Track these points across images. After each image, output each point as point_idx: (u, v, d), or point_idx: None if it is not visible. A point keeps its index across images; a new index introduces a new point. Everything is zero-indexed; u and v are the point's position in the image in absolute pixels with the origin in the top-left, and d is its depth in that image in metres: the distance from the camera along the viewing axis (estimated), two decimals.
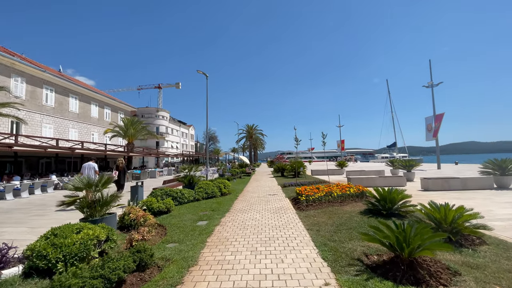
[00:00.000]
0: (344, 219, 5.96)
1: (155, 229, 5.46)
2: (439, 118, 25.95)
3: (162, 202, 7.40)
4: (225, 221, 6.16)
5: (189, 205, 8.25)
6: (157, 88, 78.02)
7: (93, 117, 32.76)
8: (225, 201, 8.89)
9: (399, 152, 62.92)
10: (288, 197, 9.65)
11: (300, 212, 6.85)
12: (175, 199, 8.36)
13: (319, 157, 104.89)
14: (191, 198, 8.85)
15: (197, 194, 9.22)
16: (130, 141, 29.11)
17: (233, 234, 5.06)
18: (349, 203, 7.87)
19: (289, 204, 8.17)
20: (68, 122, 28.67)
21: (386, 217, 5.97)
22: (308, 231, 5.08)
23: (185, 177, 10.33)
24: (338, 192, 8.20)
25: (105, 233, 3.98)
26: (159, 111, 57.04)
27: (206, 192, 9.48)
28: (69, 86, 28.74)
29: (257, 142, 67.38)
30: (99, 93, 34.24)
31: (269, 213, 6.97)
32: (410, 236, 3.16)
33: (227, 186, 11.04)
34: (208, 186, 9.77)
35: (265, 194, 10.78)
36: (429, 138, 27.39)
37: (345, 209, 7.00)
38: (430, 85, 27.34)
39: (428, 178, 10.65)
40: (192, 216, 6.77)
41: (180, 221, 6.23)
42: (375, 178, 12.29)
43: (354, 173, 17.99)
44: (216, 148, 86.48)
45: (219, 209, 7.61)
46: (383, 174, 18.09)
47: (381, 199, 6.32)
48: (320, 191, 8.23)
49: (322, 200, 7.73)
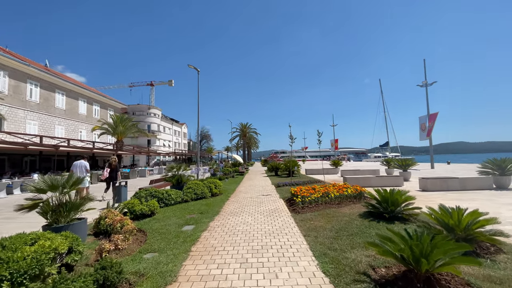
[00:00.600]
0: (344, 223, 5.47)
1: (134, 235, 4.86)
2: (433, 118, 25.88)
3: (145, 204, 6.78)
4: (213, 226, 5.60)
5: (176, 207, 7.65)
6: (150, 85, 76.46)
7: (81, 114, 31.64)
8: (216, 203, 8.31)
9: (391, 152, 63.32)
10: (283, 197, 9.14)
11: (296, 215, 6.34)
12: (160, 201, 7.75)
13: (313, 156, 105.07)
14: (178, 199, 8.24)
15: (186, 195, 8.62)
16: (120, 139, 28.15)
17: (222, 242, 4.50)
18: (347, 204, 7.41)
19: (284, 206, 7.65)
20: (54, 119, 27.55)
21: (389, 220, 5.51)
22: (305, 238, 4.57)
23: (173, 176, 9.69)
24: (335, 193, 7.73)
25: (68, 243, 3.38)
26: (151, 109, 55.85)
27: (195, 193, 8.89)
28: (55, 81, 27.61)
29: (251, 141, 66.81)
30: (87, 89, 33.09)
31: (262, 216, 6.43)
32: (428, 248, 2.67)
33: (218, 186, 10.46)
34: (197, 186, 9.18)
35: (258, 194, 10.25)
36: (422, 137, 27.31)
37: (343, 212, 6.53)
38: (424, 84, 27.25)
39: (427, 178, 10.30)
40: (178, 220, 6.18)
41: (164, 225, 5.63)
42: (372, 178, 11.90)
43: (349, 172, 17.64)
44: (209, 147, 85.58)
45: (208, 211, 7.03)
46: (379, 174, 17.79)
47: (382, 201, 5.86)
48: (316, 192, 7.75)
49: (318, 201, 7.24)
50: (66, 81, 28.93)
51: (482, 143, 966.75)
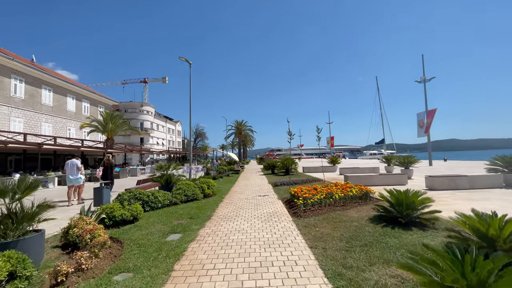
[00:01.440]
0: (354, 229, 4.77)
1: (107, 249, 4.07)
2: (431, 114, 25.47)
3: (127, 208, 5.98)
4: (203, 235, 4.83)
5: (163, 211, 6.84)
6: (143, 82, 74.85)
7: (70, 111, 30.40)
8: (208, 205, 7.54)
9: (387, 149, 63.19)
10: (281, 198, 8.41)
11: (298, 220, 5.60)
12: (146, 204, 6.94)
13: (308, 154, 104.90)
14: (166, 202, 7.44)
15: (175, 197, 7.82)
16: (110, 136, 27.12)
17: (212, 257, 3.74)
18: (353, 206, 6.72)
19: (283, 208, 6.92)
20: (40, 116, 26.33)
21: (405, 226, 4.82)
22: (312, 250, 3.83)
23: (161, 176, 8.87)
24: (339, 193, 7.03)
25: (9, 266, 2.59)
26: (144, 106, 54.53)
27: (186, 195, 8.09)
28: (41, 76, 26.35)
29: (246, 138, 66.00)
30: (76, 85, 31.81)
31: (259, 221, 5.68)
32: (491, 278, 1.95)
33: (212, 186, 9.68)
34: (188, 187, 8.38)
35: (255, 195, 9.51)
36: (420, 134, 26.91)
37: (350, 215, 5.83)
38: (422, 80, 26.81)
39: (434, 176, 9.69)
40: (163, 226, 5.39)
41: (146, 234, 4.84)
42: (374, 176, 11.26)
43: (348, 170, 17.00)
44: (204, 145, 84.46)
45: (198, 216, 6.25)
46: (378, 171, 17.21)
47: (396, 204, 5.16)
48: (318, 193, 7.04)
49: (322, 203, 6.53)
50: (53, 77, 27.65)
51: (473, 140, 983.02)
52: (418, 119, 27.42)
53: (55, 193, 12.06)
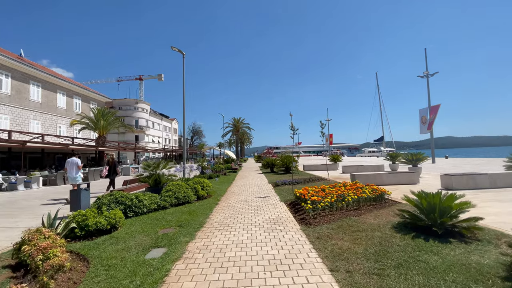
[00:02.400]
0: (378, 242, 3.87)
1: (65, 273, 3.13)
2: (434, 110, 24.68)
3: (104, 215, 5.03)
4: (193, 250, 3.89)
5: (149, 218, 5.89)
6: (138, 79, 73.42)
7: (60, 107, 29.17)
8: (201, 209, 6.59)
9: (386, 146, 62.57)
10: (284, 201, 7.48)
11: (308, 228, 4.68)
12: (128, 209, 5.98)
13: (306, 151, 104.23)
14: (153, 206, 6.47)
15: (164, 200, 6.86)
16: (101, 134, 25.98)
17: (200, 285, 2.81)
18: (368, 210, 5.82)
19: (288, 213, 6.00)
20: (28, 113, 25.12)
21: (440, 237, 3.93)
22: (333, 275, 2.91)
23: (149, 176, 7.90)
24: (352, 195, 6.13)
25: None
26: (139, 103, 53.26)
27: (176, 197, 7.13)
28: (29, 71, 25.08)
29: (244, 136, 64.95)
30: (66, 80, 30.54)
31: (261, 230, 4.75)
32: None
33: (207, 187, 8.74)
34: (179, 188, 7.42)
35: (254, 196, 8.58)
36: (423, 131, 26.14)
37: (368, 222, 4.93)
38: (425, 75, 26.00)
39: (451, 175, 8.82)
40: (145, 238, 4.45)
41: (122, 250, 3.90)
42: (384, 175, 10.38)
43: (352, 168, 16.16)
44: (201, 143, 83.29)
45: (189, 223, 5.31)
46: (383, 169, 16.40)
47: (428, 210, 4.26)
48: (328, 194, 6.14)
49: (333, 207, 5.62)
50: (42, 72, 26.39)
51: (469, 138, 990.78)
52: (420, 115, 26.64)
53: (37, 195, 11.03)
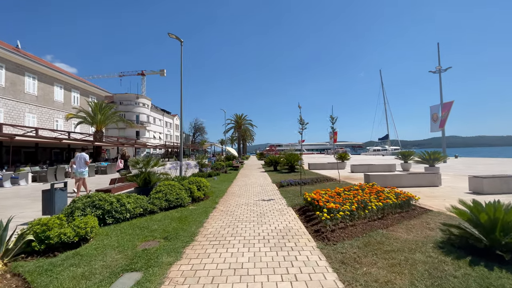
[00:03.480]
0: (424, 270, 2.85)
1: None
2: (447, 107, 23.44)
3: (73, 224, 4.06)
4: (175, 278, 2.88)
5: (131, 225, 4.90)
6: (140, 75, 72.66)
7: (57, 101, 28.31)
8: (195, 215, 5.60)
9: (391, 145, 61.30)
10: (292, 205, 6.46)
11: (327, 246, 3.67)
12: (107, 214, 5.00)
13: (309, 149, 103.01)
14: (138, 210, 5.48)
15: (152, 203, 5.87)
16: (99, 128, 25.10)
17: None
18: (396, 221, 4.80)
19: (298, 222, 4.98)
20: (23, 106, 24.30)
21: (509, 264, 2.91)
22: None
23: (136, 175, 6.90)
24: (375, 201, 5.11)
25: None
26: (140, 98, 52.31)
27: (167, 199, 6.14)
28: (24, 62, 24.20)
29: (246, 133, 63.87)
30: (64, 73, 29.63)
31: (267, 247, 3.74)
32: None
33: (204, 187, 7.76)
34: (171, 189, 6.43)
35: (257, 199, 7.58)
36: (434, 128, 24.93)
37: (401, 237, 3.91)
38: (437, 70, 24.75)
39: (482, 177, 7.74)
40: (118, 256, 3.47)
41: (81, 276, 2.91)
42: (402, 176, 9.32)
43: (362, 167, 15.09)
44: (203, 140, 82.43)
45: (178, 234, 4.32)
46: (395, 169, 15.33)
47: (487, 226, 3.22)
48: (346, 200, 5.12)
49: (354, 216, 4.60)
50: (38, 63, 25.47)
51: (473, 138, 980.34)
52: (431, 113, 25.41)
53: (21, 192, 10.12)
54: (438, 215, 5.17)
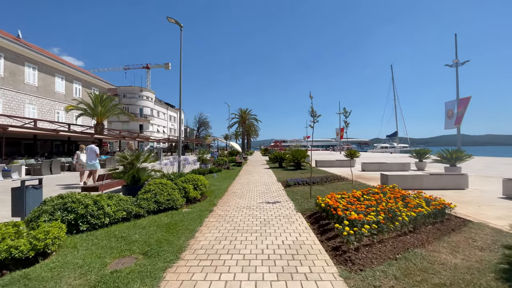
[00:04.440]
0: None
1: None
2: (464, 103, 22.04)
3: (32, 234, 3.24)
4: None
5: (107, 233, 4.06)
6: (145, 68, 72.06)
7: (58, 92, 27.73)
8: (187, 221, 4.73)
9: (399, 142, 59.73)
10: (301, 210, 5.54)
11: (351, 273, 2.77)
12: (81, 219, 4.17)
13: (314, 146, 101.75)
14: (121, 214, 4.64)
15: (138, 206, 5.03)
16: (99, 121, 24.42)
17: None
18: (432, 234, 3.88)
19: (310, 234, 4.08)
20: (23, 96, 23.74)
21: None
22: None
23: (123, 172, 6.04)
24: (405, 210, 4.17)
25: None
26: (143, 91, 51.65)
27: (157, 201, 5.29)
28: (23, 52, 23.57)
29: (250, 128, 62.84)
30: (66, 64, 28.99)
31: (272, 273, 2.84)
32: None
33: (201, 186, 6.90)
34: (163, 189, 5.58)
35: (261, 200, 6.69)
36: (449, 126, 23.56)
37: (448, 262, 2.99)
38: (454, 64, 23.30)
39: None
40: (76, 282, 2.62)
41: None
42: (424, 177, 8.32)
43: (373, 166, 14.09)
44: (207, 134, 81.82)
45: (161, 249, 3.46)
46: (409, 168, 14.29)
47: None
48: (369, 209, 4.20)
49: (382, 230, 3.68)
50: (38, 53, 24.81)
51: (481, 136, 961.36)
52: (446, 109, 24.02)
53: (9, 186, 9.42)
54: (481, 228, 4.22)
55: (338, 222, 3.81)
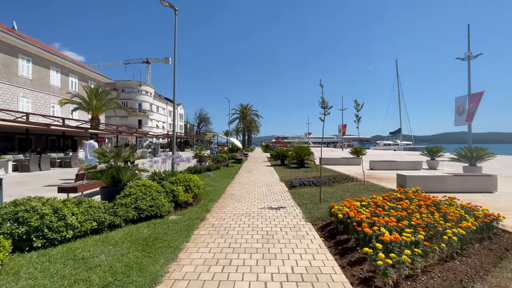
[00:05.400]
0: None
1: None
2: (476, 98, 21.01)
3: None
4: None
5: (65, 252, 3.16)
6: (145, 63, 70.96)
7: (54, 85, 26.84)
8: (170, 234, 3.81)
9: (403, 140, 58.61)
10: (311, 220, 4.60)
11: None
12: (35, 233, 3.28)
13: (315, 142, 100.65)
14: (89, 225, 3.74)
15: (113, 214, 4.14)
16: (95, 115, 23.54)
17: None
18: (485, 258, 2.96)
19: (328, 256, 3.15)
20: (17, 89, 22.87)
21: None
22: None
23: (103, 171, 5.14)
24: (449, 226, 3.26)
25: None
26: (142, 85, 50.63)
27: (138, 207, 4.40)
28: (17, 43, 22.64)
29: (251, 124, 61.80)
30: (61, 56, 28.05)
31: None
32: None
33: (194, 188, 6.00)
34: (146, 192, 4.68)
35: (263, 205, 5.79)
36: (459, 122, 22.57)
37: None
38: (467, 57, 22.20)
39: None
40: None
41: None
42: (447, 178, 7.37)
43: (383, 164, 13.14)
44: (208, 130, 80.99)
45: (128, 281, 2.57)
46: (421, 167, 13.36)
47: None
48: (394, 219, 3.30)
49: (427, 254, 2.77)
50: (32, 45, 23.85)
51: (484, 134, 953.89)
52: (456, 105, 22.99)
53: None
54: None
55: (364, 242, 2.90)
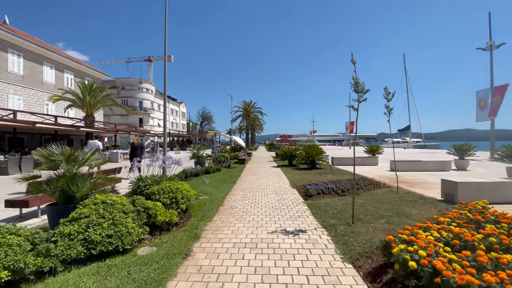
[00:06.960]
0: None
1: None
2: (500, 91, 19.18)
3: None
4: None
5: None
6: (147, 61, 69.70)
7: (47, 82, 25.54)
8: None
9: (412, 137, 56.53)
10: (352, 259, 2.99)
11: None
12: None
13: (321, 140, 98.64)
14: (3, 274, 2.27)
15: (44, 253, 2.65)
16: (89, 113, 22.22)
17: None
18: None
19: None
20: (6, 86, 21.61)
21: None
22: None
23: (48, 182, 3.59)
24: None
25: None
26: (143, 83, 49.31)
27: (89, 239, 2.91)
28: (6, 37, 21.33)
29: (255, 122, 60.19)
30: (55, 52, 26.69)
31: None
32: None
33: (183, 200, 4.50)
34: (106, 212, 3.19)
35: (273, 227, 4.23)
36: (481, 117, 20.78)
37: None
38: (488, 47, 20.38)
39: None
40: None
41: None
42: (508, 185, 5.77)
43: (405, 164, 11.50)
44: (210, 128, 79.60)
45: None
46: (449, 167, 11.72)
47: None
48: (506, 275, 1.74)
49: None
50: (22, 39, 22.52)
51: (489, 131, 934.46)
52: (477, 99, 21.18)
53: None
54: None
55: None
